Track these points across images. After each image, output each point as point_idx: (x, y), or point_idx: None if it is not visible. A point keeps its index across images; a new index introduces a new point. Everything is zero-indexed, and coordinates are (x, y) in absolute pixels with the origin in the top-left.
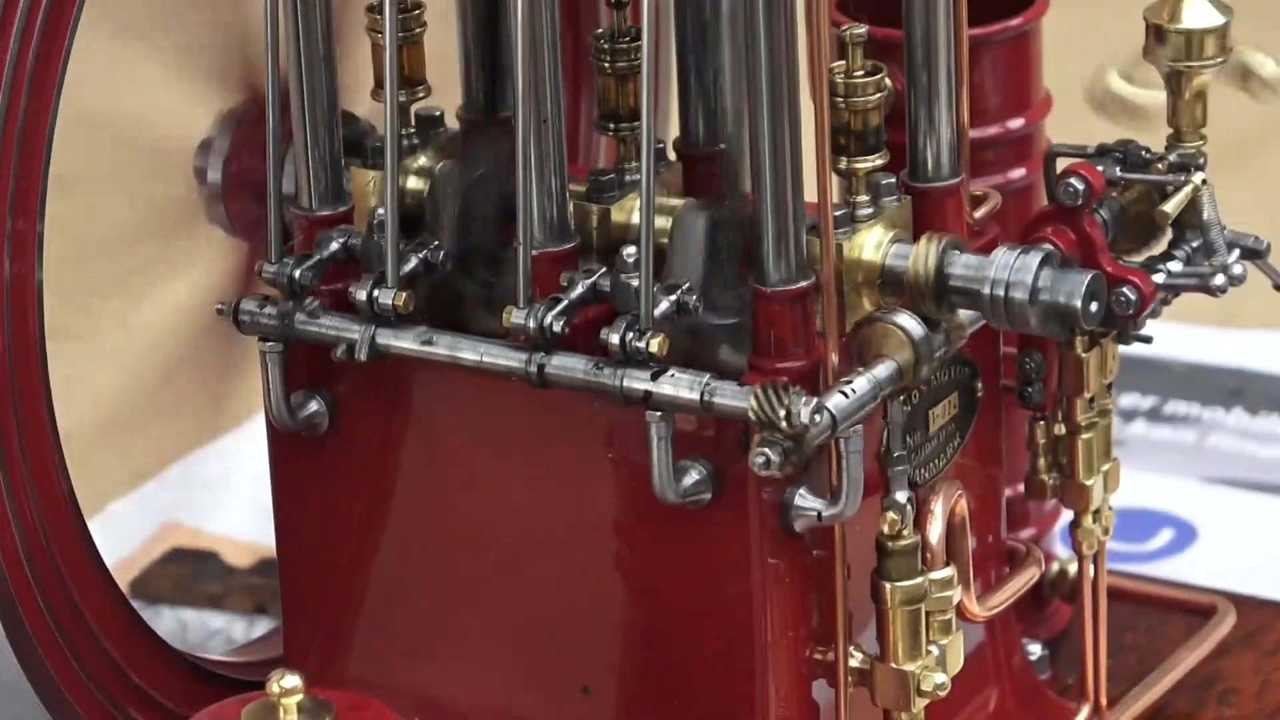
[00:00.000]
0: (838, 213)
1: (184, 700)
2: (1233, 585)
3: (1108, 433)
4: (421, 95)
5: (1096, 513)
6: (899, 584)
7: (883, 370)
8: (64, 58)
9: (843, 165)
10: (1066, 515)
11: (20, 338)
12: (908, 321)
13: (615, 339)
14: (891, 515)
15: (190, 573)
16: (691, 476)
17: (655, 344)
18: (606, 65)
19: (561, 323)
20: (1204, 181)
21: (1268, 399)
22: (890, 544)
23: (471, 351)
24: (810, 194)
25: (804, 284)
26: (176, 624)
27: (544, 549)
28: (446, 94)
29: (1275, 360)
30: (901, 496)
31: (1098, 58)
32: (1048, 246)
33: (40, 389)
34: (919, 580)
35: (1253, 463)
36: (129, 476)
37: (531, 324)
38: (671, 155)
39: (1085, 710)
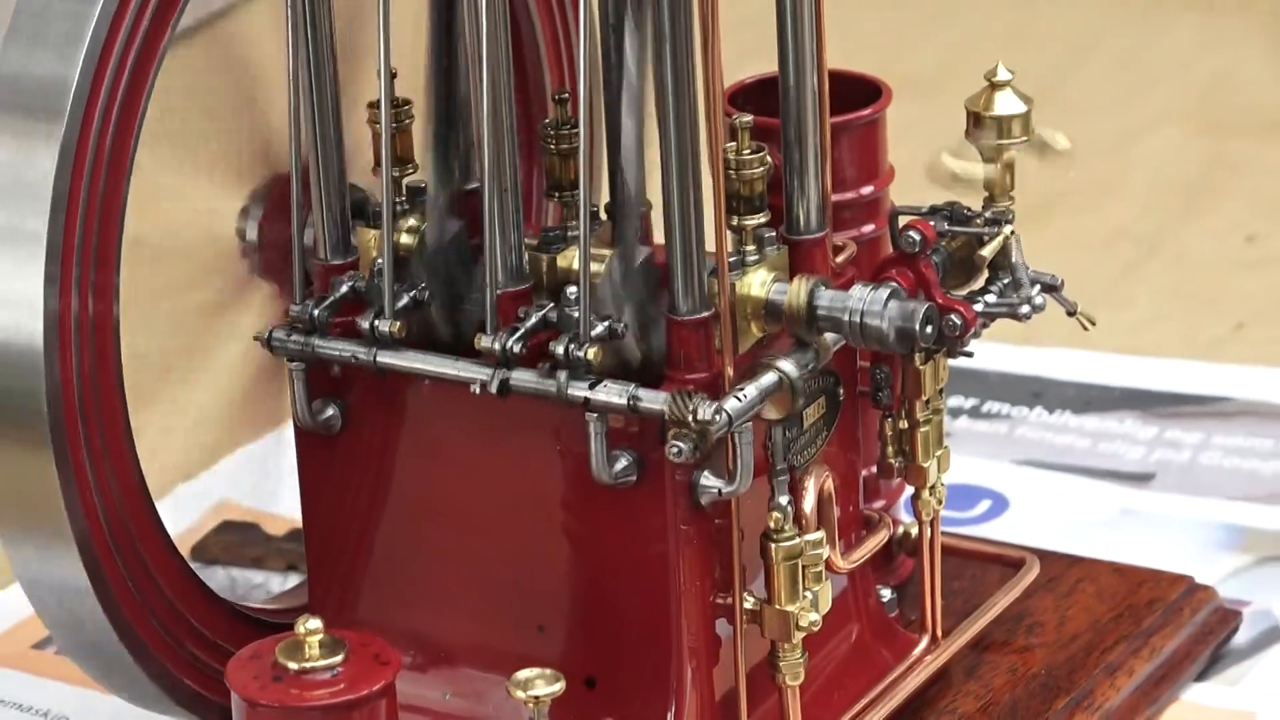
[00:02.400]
0: (731, 259)
1: (231, 638)
2: (1036, 543)
3: (940, 427)
4: (411, 171)
5: (932, 488)
6: (781, 545)
7: (767, 380)
8: (135, 141)
9: (734, 222)
10: (909, 490)
11: (102, 361)
12: (787, 365)
13: (560, 350)
14: (776, 515)
15: (237, 540)
16: (621, 462)
17: (592, 353)
18: (552, 147)
19: (520, 345)
20: (1012, 232)
21: (1061, 400)
22: (775, 525)
23: (451, 368)
24: (709, 244)
25: (706, 314)
26: (227, 580)
27: (508, 519)
28: None
29: (1066, 370)
30: (784, 500)
31: (928, 138)
32: (893, 284)
33: (118, 401)
34: (796, 541)
35: (1050, 448)
36: (190, 466)
37: (496, 346)
38: (603, 215)
39: (925, 640)
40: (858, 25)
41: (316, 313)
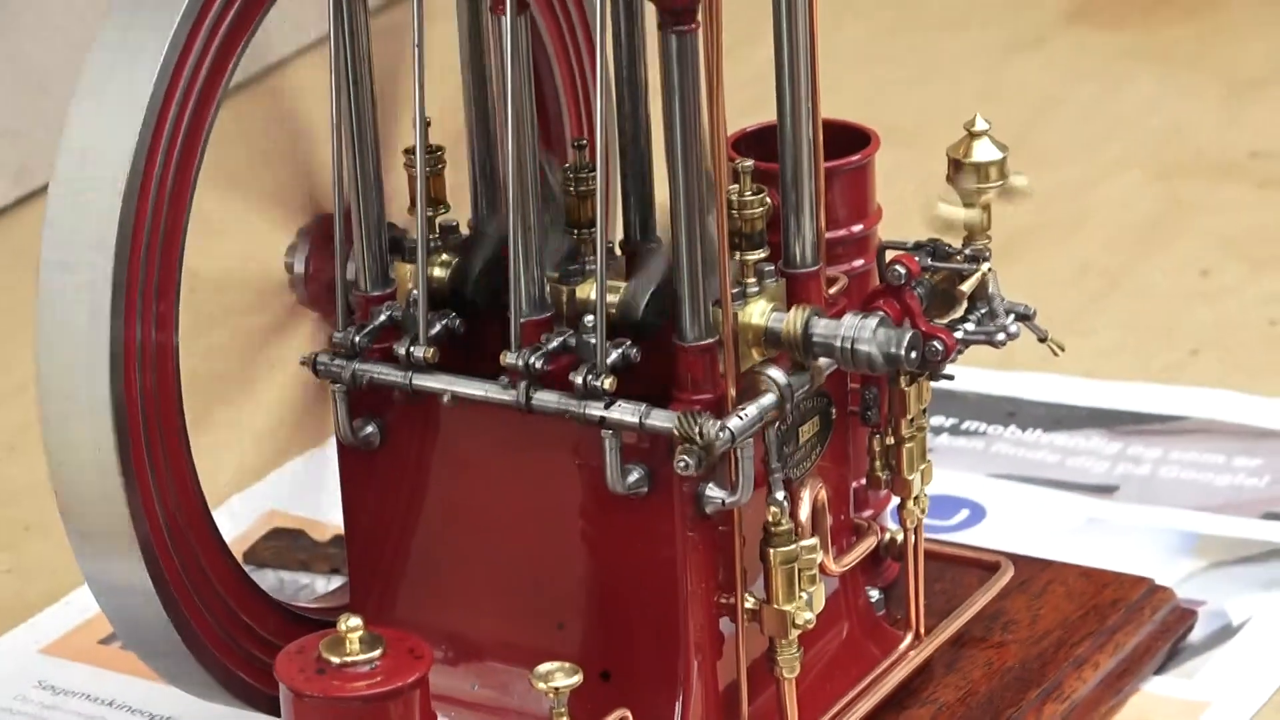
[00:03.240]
0: (734, 290)
1: (280, 635)
2: (1010, 548)
3: (923, 443)
4: (443, 211)
5: (916, 499)
6: (779, 550)
7: (767, 400)
8: (192, 185)
9: (737, 257)
10: (895, 500)
11: (163, 382)
12: (775, 372)
13: (579, 379)
14: (774, 509)
15: (286, 545)
16: (634, 475)
17: (608, 383)
18: (571, 189)
19: (541, 362)
20: (989, 268)
21: (1033, 419)
22: (773, 528)
23: (479, 389)
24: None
25: (711, 340)
26: (276, 581)
27: (530, 526)
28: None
29: (1039, 392)
30: (780, 495)
31: (911, 182)
32: (881, 313)
33: (177, 419)
34: (793, 547)
35: (1023, 463)
36: (243, 478)
37: (520, 363)
38: (618, 251)
39: (909, 636)
40: (848, 80)
41: (357, 339)
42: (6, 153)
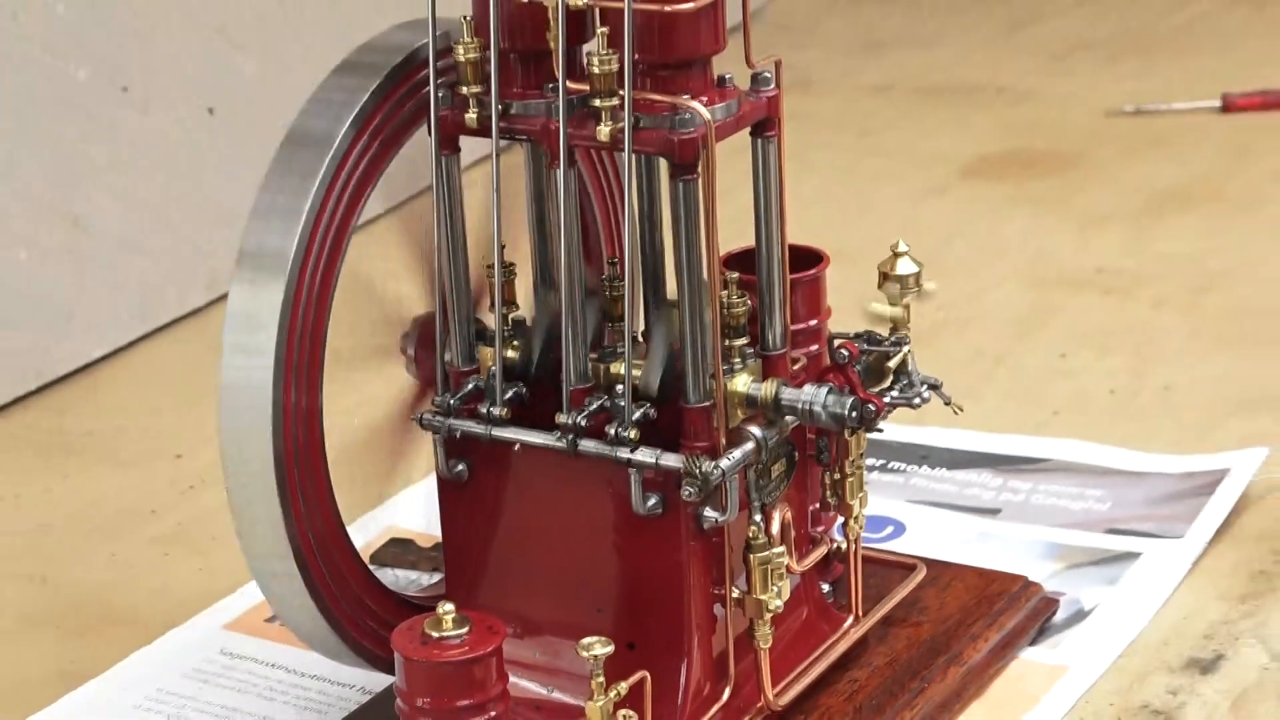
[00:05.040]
0: (725, 367)
1: (395, 616)
2: (924, 554)
3: (861, 478)
4: (514, 309)
5: (856, 518)
6: (757, 555)
7: (748, 447)
8: (333, 287)
9: (726, 343)
10: (840, 519)
11: (311, 435)
12: (753, 427)
13: (612, 431)
14: (753, 526)
15: (400, 550)
16: (652, 500)
17: (633, 435)
18: (606, 293)
19: (585, 420)
20: (909, 351)
21: (940, 460)
22: (752, 540)
23: (540, 438)
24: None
25: (708, 403)
26: (393, 577)
27: (577, 537)
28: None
29: (944, 441)
30: (757, 516)
31: (853, 290)
32: (830, 384)
33: (321, 462)
34: (767, 553)
35: (933, 493)
36: (369, 502)
37: (569, 421)
38: (640, 339)
39: (850, 618)
40: (806, 215)
41: (452, 402)
42: (201, 268)
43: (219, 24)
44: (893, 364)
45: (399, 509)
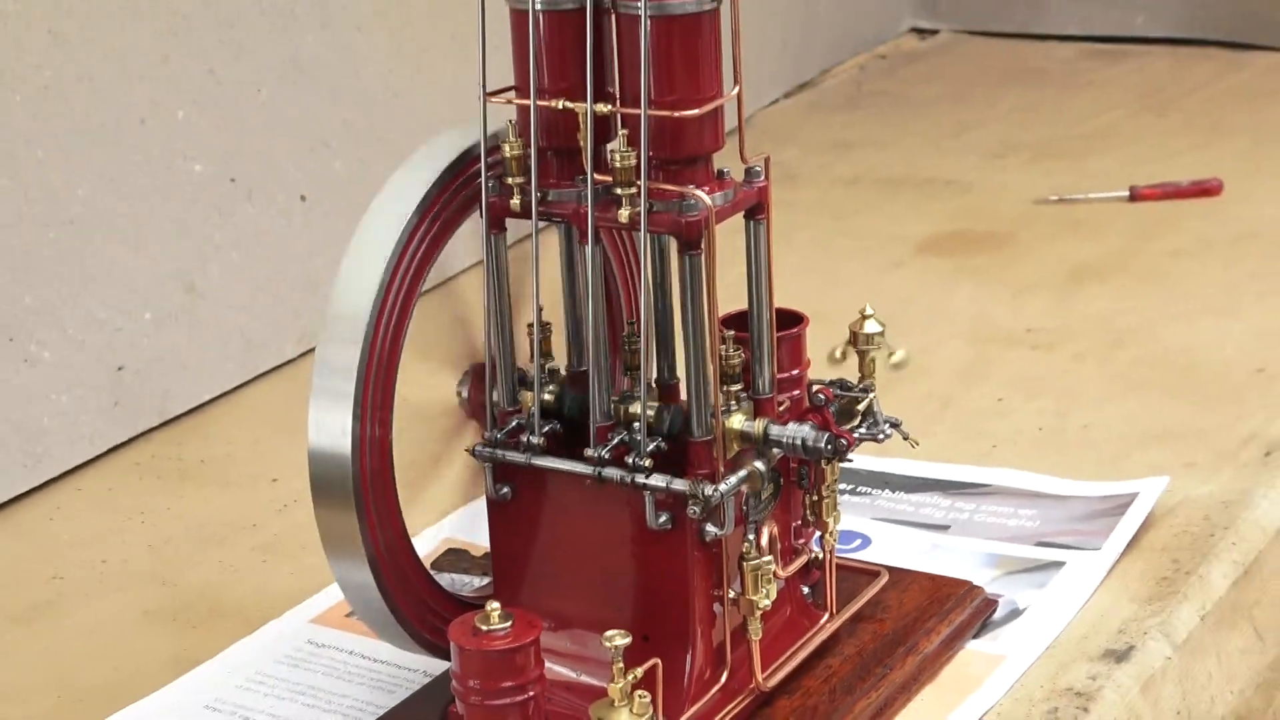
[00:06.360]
0: (723, 409)
1: (451, 612)
2: (886, 562)
3: (835, 499)
4: (550, 360)
5: (830, 533)
6: (749, 563)
7: (743, 474)
8: (400, 346)
9: (725, 388)
10: (817, 534)
11: (382, 461)
12: (759, 465)
13: (631, 461)
14: (747, 539)
15: (455, 558)
16: (663, 517)
17: (648, 464)
18: (626, 348)
19: (608, 452)
20: (874, 396)
21: (900, 485)
22: (745, 550)
23: (571, 466)
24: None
25: (709, 438)
26: (449, 580)
27: (602, 548)
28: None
29: (903, 470)
30: (752, 537)
31: (826, 346)
32: (810, 422)
33: (391, 484)
34: (757, 561)
35: (894, 512)
36: (431, 519)
37: (596, 453)
38: (653, 385)
39: (826, 616)
40: (791, 284)
41: (499, 436)
42: (294, 326)
43: (315, 129)
44: (861, 406)
45: (455, 524)
